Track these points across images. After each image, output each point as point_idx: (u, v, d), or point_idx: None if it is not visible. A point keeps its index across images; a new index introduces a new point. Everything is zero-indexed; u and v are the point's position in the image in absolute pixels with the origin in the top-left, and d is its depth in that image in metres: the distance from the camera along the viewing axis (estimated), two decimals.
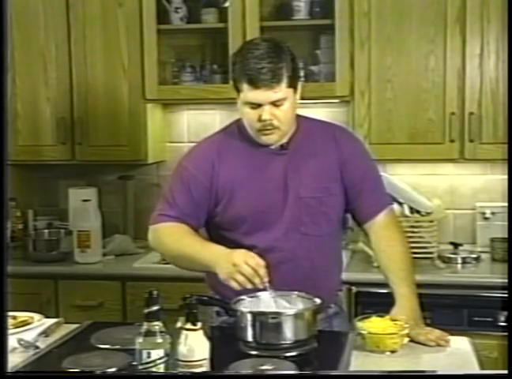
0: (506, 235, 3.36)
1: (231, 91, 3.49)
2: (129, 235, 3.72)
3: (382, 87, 3.32)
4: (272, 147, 2.25)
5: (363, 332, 2.04)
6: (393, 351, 2.00)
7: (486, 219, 3.52)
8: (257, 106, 2.14)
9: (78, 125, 3.57)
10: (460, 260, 3.28)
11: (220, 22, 3.46)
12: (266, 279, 2.03)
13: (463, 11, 3.21)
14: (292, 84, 2.15)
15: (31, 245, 3.50)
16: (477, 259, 3.31)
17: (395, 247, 2.29)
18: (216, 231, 2.30)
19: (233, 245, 2.18)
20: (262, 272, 2.02)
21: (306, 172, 2.25)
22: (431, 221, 3.36)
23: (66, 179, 3.88)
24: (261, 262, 2.03)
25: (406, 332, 2.03)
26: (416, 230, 3.32)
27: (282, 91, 2.12)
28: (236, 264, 2.01)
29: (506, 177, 3.37)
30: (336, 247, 2.38)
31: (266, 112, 2.13)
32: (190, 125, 3.83)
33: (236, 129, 2.30)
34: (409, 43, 3.28)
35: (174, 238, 2.23)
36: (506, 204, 3.41)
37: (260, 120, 2.15)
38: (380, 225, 2.32)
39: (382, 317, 2.10)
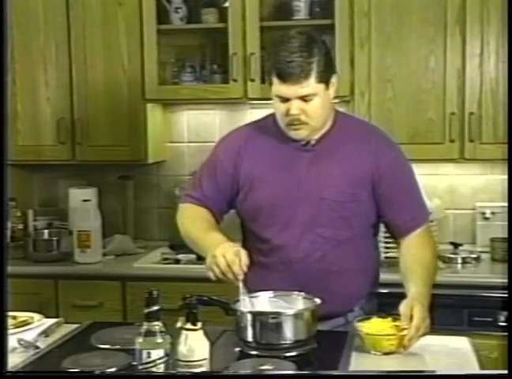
0: (506, 235, 3.36)
1: (231, 91, 3.52)
2: (129, 235, 3.72)
3: (382, 87, 3.32)
4: (301, 143, 2.22)
5: (360, 332, 2.03)
6: (390, 353, 1.98)
7: (486, 219, 3.52)
8: (286, 99, 2.12)
9: (78, 125, 3.57)
10: (460, 260, 3.28)
11: (220, 22, 3.46)
12: (240, 277, 2.04)
13: (463, 11, 3.21)
14: (323, 80, 2.12)
15: (31, 245, 3.49)
16: (477, 259, 3.31)
17: (424, 254, 2.24)
18: (242, 221, 2.33)
19: (254, 236, 2.26)
20: (235, 268, 2.03)
21: (334, 173, 2.20)
22: (431, 221, 3.34)
23: (66, 179, 3.88)
24: (244, 259, 2.04)
25: (405, 333, 1.99)
26: None
27: (310, 86, 2.10)
28: (215, 255, 2.05)
29: (506, 177, 3.37)
30: (358, 253, 2.28)
31: (294, 107, 2.11)
32: (190, 125, 3.83)
33: (271, 121, 2.27)
34: (409, 43, 3.28)
35: (189, 220, 2.30)
36: (506, 204, 3.41)
37: (288, 114, 2.13)
38: (414, 239, 2.26)
39: (383, 317, 2.07)
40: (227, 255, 2.03)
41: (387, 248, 3.15)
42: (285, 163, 2.23)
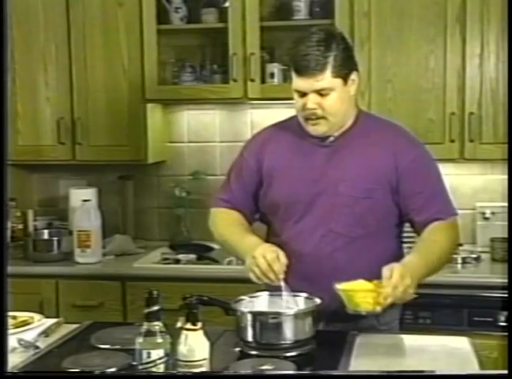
0: (506, 235, 3.36)
1: (231, 91, 3.51)
2: (129, 235, 3.72)
3: (382, 87, 3.32)
4: (318, 138, 2.23)
5: (337, 290, 1.96)
6: (366, 312, 1.94)
7: (486, 219, 3.52)
8: (303, 94, 2.14)
9: (78, 125, 3.57)
10: (460, 260, 3.27)
11: (220, 22, 3.46)
12: (281, 276, 2.06)
13: (463, 11, 3.21)
14: (340, 75, 2.13)
15: (31, 245, 3.49)
16: (477, 259, 3.31)
17: (434, 236, 2.16)
18: (263, 217, 2.36)
19: (271, 230, 2.30)
20: (277, 267, 2.05)
21: (350, 169, 2.20)
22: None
23: (66, 179, 3.88)
24: (283, 259, 2.07)
25: (383, 291, 1.91)
26: None
27: (326, 80, 2.11)
28: (255, 256, 2.06)
29: (506, 177, 3.37)
30: (374, 253, 2.21)
31: (310, 101, 2.13)
32: (190, 125, 3.83)
33: (295, 120, 2.28)
34: (409, 43, 3.28)
35: (224, 224, 2.34)
36: (506, 204, 3.41)
37: (304, 108, 2.15)
38: (433, 225, 2.20)
39: (370, 281, 1.99)
40: (267, 255, 2.06)
41: None
42: (303, 158, 2.25)
